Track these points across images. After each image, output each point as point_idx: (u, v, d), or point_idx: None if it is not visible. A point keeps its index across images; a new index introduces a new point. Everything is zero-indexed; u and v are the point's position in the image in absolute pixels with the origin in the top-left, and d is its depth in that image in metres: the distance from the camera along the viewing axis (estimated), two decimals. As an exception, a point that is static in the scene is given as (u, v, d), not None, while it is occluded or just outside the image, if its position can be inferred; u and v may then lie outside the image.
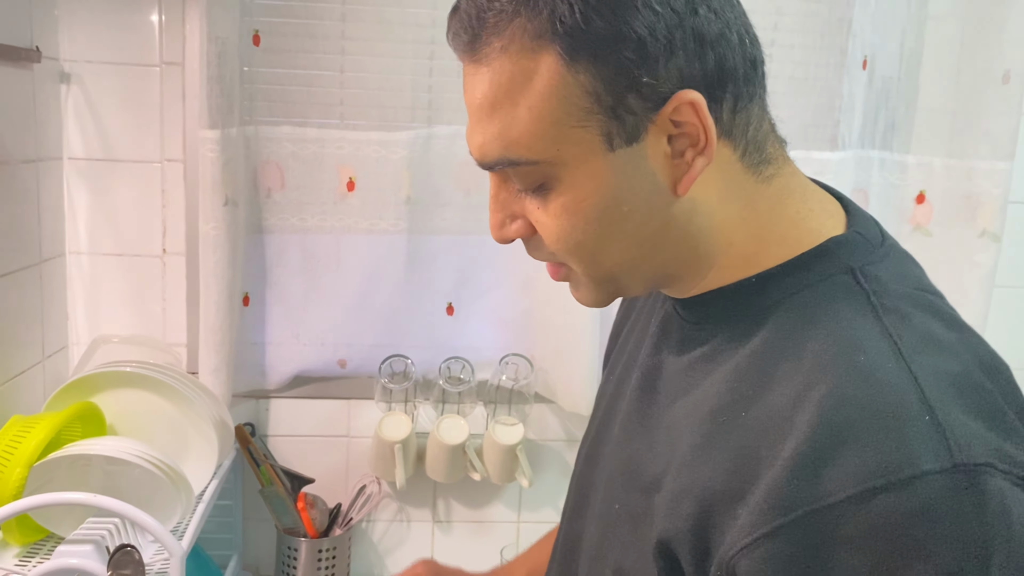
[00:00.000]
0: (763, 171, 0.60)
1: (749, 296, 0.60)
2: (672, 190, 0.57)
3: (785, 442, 0.51)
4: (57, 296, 1.41)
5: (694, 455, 0.57)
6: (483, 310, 1.51)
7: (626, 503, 0.63)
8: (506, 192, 0.61)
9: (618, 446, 0.68)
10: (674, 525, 0.56)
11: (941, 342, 0.54)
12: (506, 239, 0.63)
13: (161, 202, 1.43)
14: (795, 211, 0.61)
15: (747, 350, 0.58)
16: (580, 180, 0.57)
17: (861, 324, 0.55)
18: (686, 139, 0.56)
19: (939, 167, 1.48)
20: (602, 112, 0.55)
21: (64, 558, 1.07)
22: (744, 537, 0.50)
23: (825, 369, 0.53)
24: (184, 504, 1.20)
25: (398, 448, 1.43)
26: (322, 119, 1.42)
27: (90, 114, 1.40)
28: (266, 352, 1.48)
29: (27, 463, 1.12)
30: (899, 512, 0.47)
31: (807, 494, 0.48)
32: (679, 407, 0.62)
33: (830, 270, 0.58)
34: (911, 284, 0.59)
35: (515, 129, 0.56)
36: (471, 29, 0.57)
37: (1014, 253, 1.54)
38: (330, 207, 1.44)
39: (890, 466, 0.47)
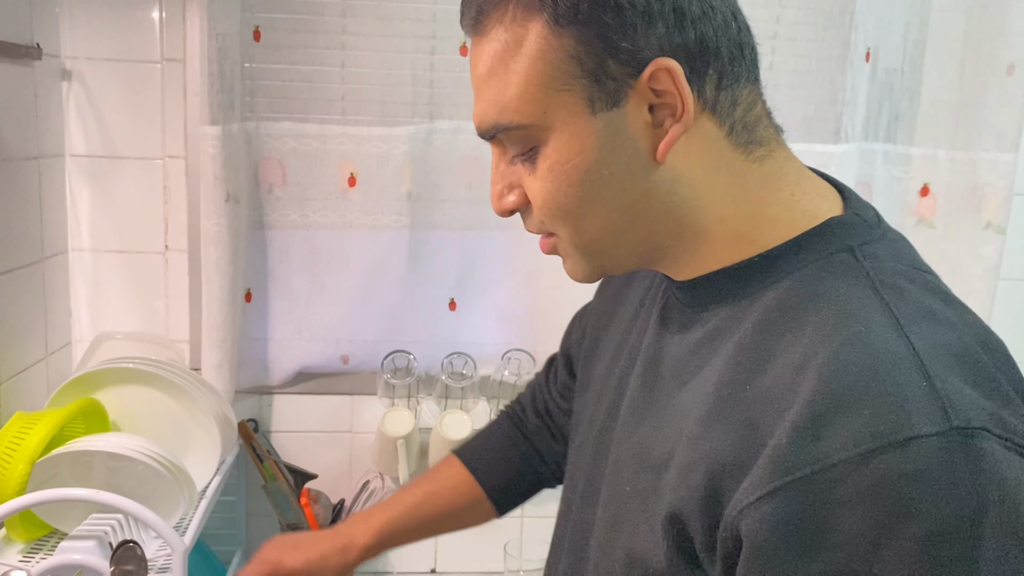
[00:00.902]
0: (753, 151, 0.61)
1: (748, 276, 0.61)
2: (652, 157, 0.59)
3: (788, 410, 0.52)
4: (60, 293, 1.41)
5: (701, 429, 0.58)
6: (485, 305, 1.51)
7: (636, 484, 0.64)
8: (505, 163, 0.64)
9: (626, 432, 0.68)
10: (683, 497, 0.57)
11: (938, 316, 0.55)
12: (505, 210, 0.65)
13: (163, 198, 1.43)
14: (789, 193, 0.62)
15: (748, 328, 0.59)
16: (565, 142, 0.59)
17: (860, 297, 0.56)
18: (666, 109, 0.58)
19: (943, 159, 1.47)
20: (584, 76, 0.58)
21: (67, 554, 1.07)
22: (747, 497, 0.52)
23: (825, 339, 0.54)
24: (187, 500, 1.20)
25: (401, 444, 1.43)
26: (323, 114, 1.42)
27: (92, 111, 1.40)
28: (269, 348, 1.48)
29: (30, 459, 1.12)
30: (896, 473, 0.48)
31: (807, 456, 0.50)
32: (685, 389, 0.63)
33: (830, 249, 0.59)
34: (908, 263, 0.60)
35: (506, 94, 0.59)
36: (476, 5, 0.61)
37: (1019, 245, 1.53)
38: (332, 203, 1.44)
39: (888, 429, 0.48)
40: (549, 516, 1.58)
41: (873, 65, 1.46)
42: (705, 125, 0.59)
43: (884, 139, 1.50)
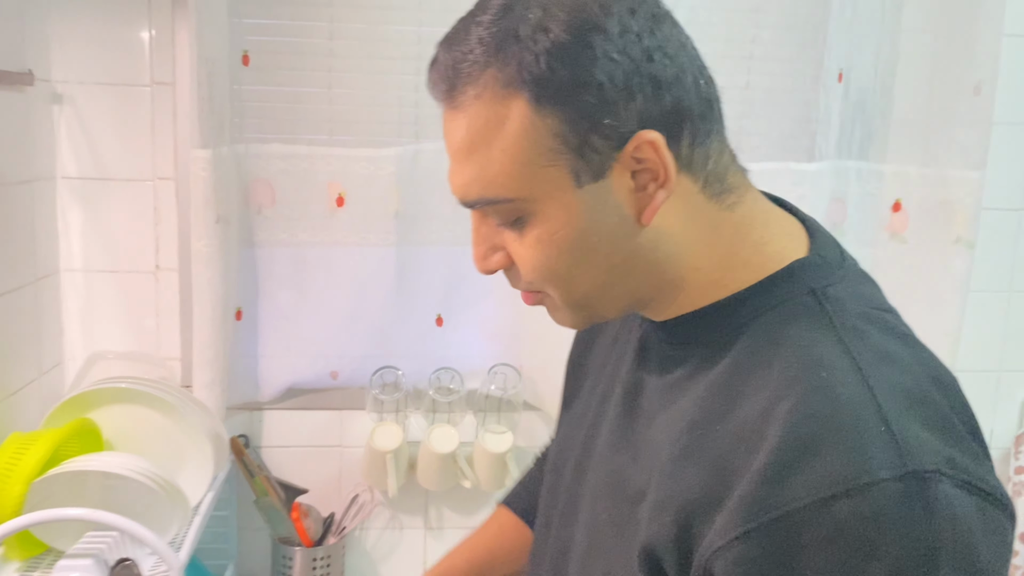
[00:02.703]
0: (725, 199, 0.64)
1: (720, 318, 0.64)
2: (637, 220, 0.61)
3: (757, 452, 0.55)
4: (51, 313, 1.43)
5: (673, 467, 0.61)
6: (471, 321, 1.55)
7: (612, 513, 0.67)
8: (486, 227, 0.66)
9: (603, 459, 0.71)
10: (657, 533, 0.60)
11: (895, 358, 0.58)
12: (489, 270, 0.67)
13: (153, 219, 1.46)
14: (758, 236, 0.65)
15: (719, 368, 0.62)
16: (552, 214, 0.61)
17: (822, 342, 0.59)
18: (648, 173, 0.60)
19: (914, 176, 1.52)
20: (569, 152, 0.59)
21: (65, 572, 1.09)
22: (718, 539, 0.54)
23: (791, 385, 0.57)
24: (180, 517, 1.23)
25: (390, 457, 1.46)
26: (311, 136, 1.45)
27: (83, 134, 1.42)
28: (259, 365, 1.51)
29: (27, 479, 1.14)
30: (857, 516, 0.51)
31: (775, 500, 0.53)
32: (659, 423, 0.65)
33: (793, 292, 0.62)
34: (867, 303, 0.63)
35: (491, 170, 0.61)
36: (448, 79, 0.62)
37: (987, 258, 1.58)
38: (320, 222, 1.47)
39: (849, 474, 0.52)
40: (535, 526, 1.61)
41: (846, 85, 1.50)
42: (683, 183, 0.61)
43: (857, 156, 1.55)
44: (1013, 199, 1.64)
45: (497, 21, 0.60)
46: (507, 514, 1.00)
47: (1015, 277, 1.65)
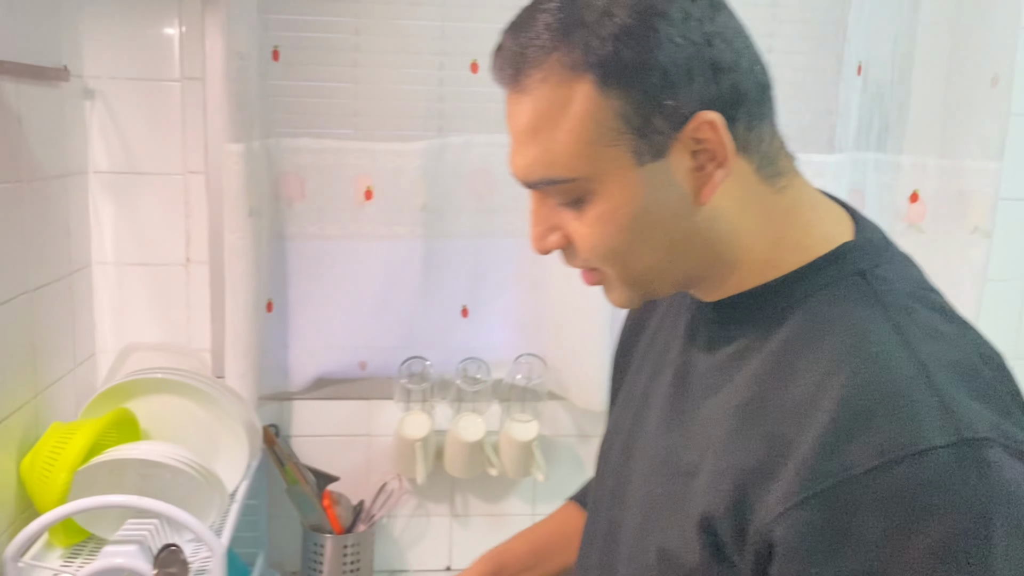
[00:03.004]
0: (776, 182, 0.67)
1: (771, 298, 0.67)
2: (695, 199, 0.64)
3: (811, 425, 0.58)
4: (84, 305, 1.46)
5: (729, 441, 0.64)
6: (496, 312, 1.57)
7: (666, 488, 0.70)
8: (545, 207, 0.68)
9: (655, 438, 0.74)
10: (714, 504, 0.63)
11: (942, 334, 0.61)
12: (546, 250, 0.69)
13: (184, 212, 1.48)
14: (807, 219, 0.67)
15: (771, 347, 0.65)
16: (613, 193, 0.64)
17: (872, 320, 0.62)
18: (706, 153, 0.63)
19: (932, 167, 1.55)
20: (631, 132, 0.62)
21: (111, 558, 1.12)
22: (778, 507, 0.58)
23: (843, 360, 0.60)
24: (219, 504, 1.25)
25: (419, 446, 1.49)
26: (340, 130, 1.47)
27: (114, 128, 1.44)
28: (289, 356, 1.53)
29: (71, 468, 1.17)
30: (913, 481, 0.54)
31: (832, 468, 0.56)
32: (712, 401, 0.68)
33: (843, 273, 0.65)
34: (913, 284, 0.66)
35: (554, 150, 0.63)
36: (514, 64, 0.64)
37: (1004, 248, 1.61)
38: (348, 215, 1.49)
39: (904, 442, 0.55)
40: (559, 513, 1.63)
41: (864, 78, 1.53)
42: (738, 164, 0.64)
43: (875, 148, 1.57)
44: (1027, 189, 1.66)
45: (564, 7, 0.62)
46: (574, 508, 1.03)
47: (1029, 266, 1.68)
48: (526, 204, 1.58)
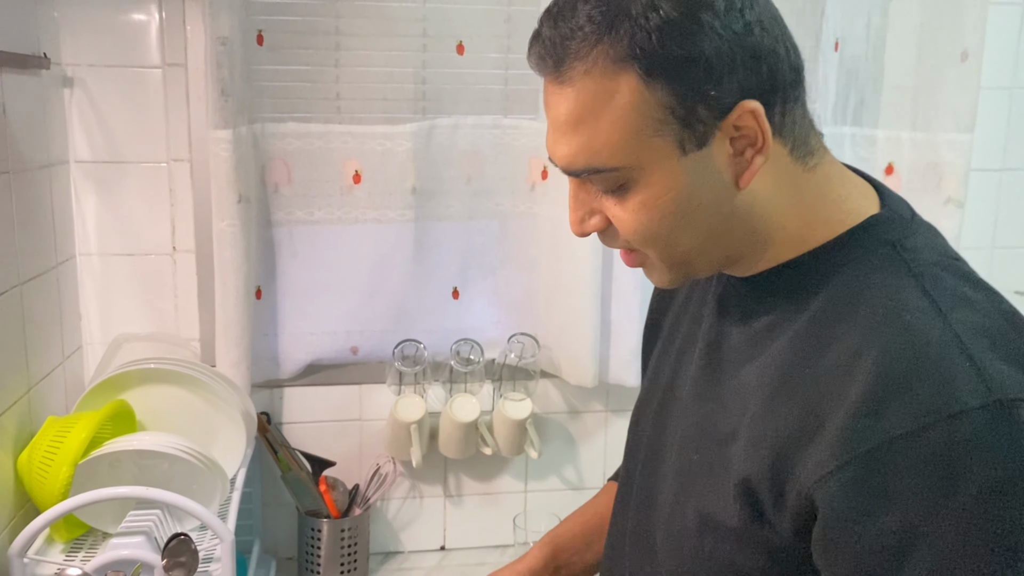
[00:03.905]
0: (808, 161, 0.69)
1: (803, 271, 0.69)
2: (735, 184, 0.66)
3: (848, 391, 0.61)
4: (70, 298, 1.43)
5: (766, 409, 0.66)
6: (487, 292, 1.58)
7: (704, 455, 0.72)
8: (585, 192, 0.70)
9: (690, 408, 0.77)
10: (753, 468, 0.66)
11: (971, 300, 0.64)
12: (585, 233, 0.71)
13: (169, 201, 1.46)
14: (837, 195, 0.70)
15: (805, 318, 0.68)
16: (656, 181, 0.65)
17: (904, 289, 0.64)
18: (745, 140, 0.65)
19: (906, 140, 1.59)
20: (675, 122, 0.63)
21: (118, 550, 1.11)
22: (819, 470, 0.60)
23: (877, 328, 0.62)
24: (221, 492, 1.25)
25: (414, 428, 1.50)
26: (327, 114, 1.46)
27: (95, 117, 1.41)
28: (279, 342, 1.53)
29: (73, 462, 1.15)
30: (949, 442, 0.57)
31: (871, 432, 0.59)
32: (747, 371, 0.71)
33: (873, 244, 0.68)
34: (941, 253, 0.69)
35: (598, 141, 0.64)
36: (555, 55, 0.65)
37: (976, 218, 1.66)
38: (336, 199, 1.49)
39: (940, 405, 0.57)
40: (551, 490, 1.67)
41: (840, 54, 1.56)
42: (774, 148, 0.66)
43: (852, 123, 1.61)
44: (995, 160, 1.72)
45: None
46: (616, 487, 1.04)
47: (998, 234, 1.74)
48: (515, 186, 1.59)
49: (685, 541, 0.72)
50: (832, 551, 0.61)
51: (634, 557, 0.83)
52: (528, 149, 1.52)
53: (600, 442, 1.67)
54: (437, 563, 1.62)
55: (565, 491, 1.66)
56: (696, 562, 0.72)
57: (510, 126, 1.51)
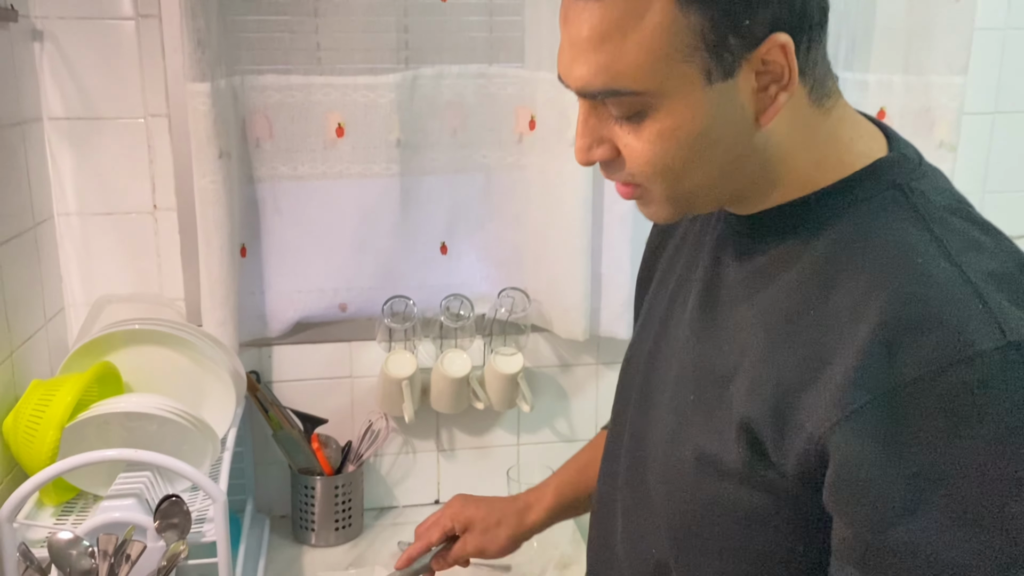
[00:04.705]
0: (824, 103, 0.67)
1: (809, 211, 0.68)
2: (755, 121, 0.64)
3: (856, 335, 0.60)
4: (50, 259, 1.40)
5: (768, 349, 0.66)
6: (476, 247, 1.56)
7: (701, 395, 0.72)
8: (595, 118, 0.67)
9: (685, 349, 0.76)
10: (755, 409, 0.65)
11: (980, 244, 0.63)
12: (591, 162, 0.68)
13: (148, 158, 1.42)
14: (848, 137, 0.68)
15: (809, 258, 0.66)
16: (678, 110, 0.63)
17: (912, 232, 0.63)
18: (770, 75, 0.62)
19: (898, 83, 1.56)
20: (705, 50, 0.61)
21: (109, 513, 1.10)
22: (831, 416, 0.59)
23: (886, 271, 0.61)
24: (212, 452, 1.24)
25: (406, 384, 1.48)
26: (307, 66, 1.42)
27: (67, 72, 1.37)
28: (266, 301, 1.50)
29: (59, 425, 1.14)
30: (964, 385, 0.56)
31: (885, 376, 0.58)
32: (745, 308, 0.70)
33: (880, 187, 0.66)
34: (948, 196, 0.67)
35: (623, 61, 0.61)
36: None
37: (968, 162, 1.65)
38: (320, 154, 1.45)
39: (954, 348, 0.57)
40: (543, 442, 1.67)
41: (832, -4, 1.52)
42: (796, 88, 0.64)
43: (843, 67, 1.58)
44: (987, 103, 1.69)
45: None
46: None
47: (989, 178, 1.73)
48: (502, 138, 1.56)
49: (681, 481, 0.72)
50: (846, 497, 0.60)
51: (627, 498, 0.83)
52: (514, 98, 1.49)
53: (591, 394, 1.67)
54: (431, 517, 1.62)
55: (557, 443, 1.66)
56: (693, 502, 0.71)
57: (496, 75, 1.48)
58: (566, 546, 1.50)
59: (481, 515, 1.05)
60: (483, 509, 1.06)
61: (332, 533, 1.51)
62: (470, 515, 1.05)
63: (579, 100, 0.67)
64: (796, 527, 0.67)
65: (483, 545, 1.04)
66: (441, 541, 1.08)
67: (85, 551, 1.04)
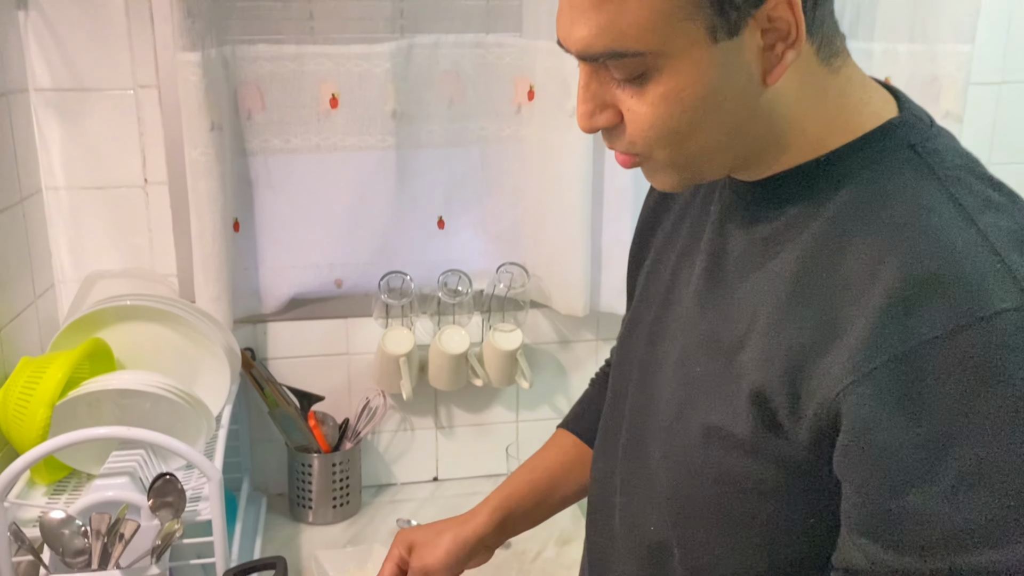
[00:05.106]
0: (832, 62, 0.64)
1: (819, 174, 0.65)
2: (762, 81, 0.61)
3: (871, 296, 0.57)
4: (38, 234, 1.37)
5: (780, 315, 0.63)
6: (473, 222, 1.53)
7: (708, 367, 0.69)
8: (597, 83, 0.64)
9: (690, 323, 0.73)
10: (766, 377, 0.63)
11: (996, 203, 0.61)
12: (594, 128, 0.65)
13: (138, 130, 1.39)
14: (858, 98, 0.66)
15: (821, 221, 0.64)
16: (682, 70, 0.60)
17: (928, 192, 0.61)
18: (776, 33, 0.60)
19: (903, 53, 1.53)
20: (709, 7, 0.58)
21: (102, 491, 1.08)
22: (845, 378, 0.57)
23: (901, 231, 0.59)
24: (206, 430, 1.22)
25: (403, 361, 1.46)
26: (299, 35, 1.38)
27: (53, 42, 1.33)
28: (260, 276, 1.48)
29: (50, 403, 1.11)
30: (982, 345, 0.54)
31: (900, 337, 0.56)
32: (755, 277, 0.67)
33: (893, 147, 0.64)
34: (962, 156, 0.65)
35: (625, 20, 0.58)
36: None
37: (974, 132, 1.62)
38: (314, 126, 1.42)
39: (972, 307, 0.55)
40: (542, 419, 1.65)
41: (837, -37, 1.49)
42: (804, 45, 0.61)
43: (848, 36, 1.54)
44: (993, 73, 1.66)
45: None
46: (566, 436, 1.01)
47: (994, 150, 1.70)
48: (500, 108, 1.53)
49: (689, 455, 0.70)
50: (858, 462, 0.58)
51: (626, 475, 0.80)
52: (512, 68, 1.45)
53: (591, 371, 1.61)
54: (430, 494, 1.61)
55: (556, 420, 1.61)
56: (700, 476, 0.69)
57: (493, 44, 1.44)
58: (566, 523, 1.48)
59: (422, 532, 0.96)
60: (426, 528, 0.98)
61: (330, 511, 1.50)
62: (412, 536, 0.96)
63: (580, 64, 0.64)
64: (805, 499, 0.65)
65: (424, 556, 0.94)
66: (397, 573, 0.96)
67: (78, 530, 1.03)
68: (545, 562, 1.40)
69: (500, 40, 1.44)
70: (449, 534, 0.94)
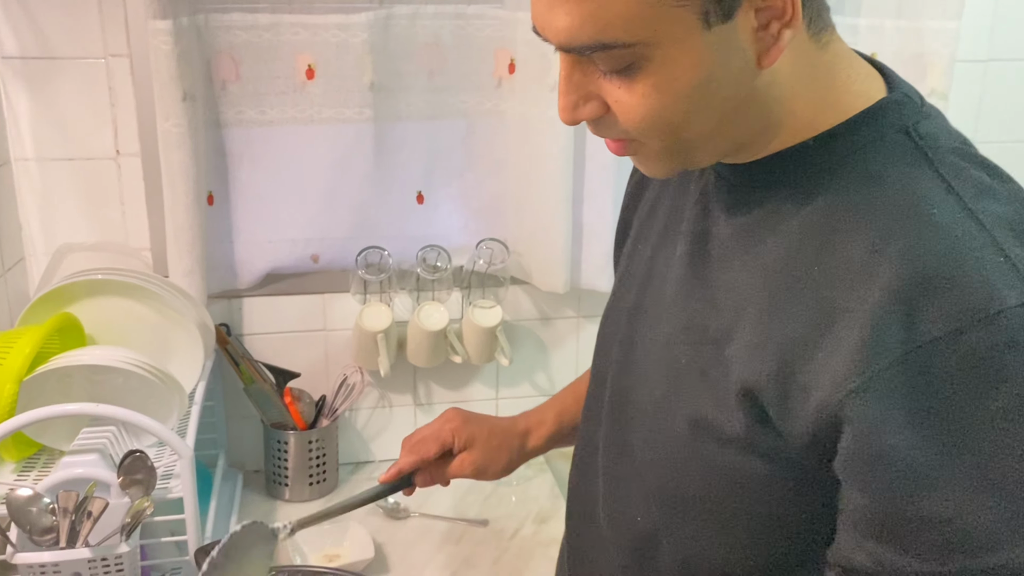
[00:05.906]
0: (821, 37, 0.62)
1: (808, 158, 0.63)
2: (757, 64, 0.58)
3: (869, 291, 0.55)
4: (8, 207, 1.34)
5: (769, 308, 0.61)
6: (452, 197, 1.51)
7: (692, 356, 0.67)
8: (580, 73, 0.60)
9: (674, 308, 0.71)
10: (756, 373, 0.61)
11: (993, 190, 0.59)
12: (576, 121, 0.62)
13: (109, 100, 1.36)
14: (846, 76, 0.63)
15: (811, 208, 0.61)
16: (674, 59, 0.56)
17: (923, 179, 0.59)
18: (770, 11, 0.56)
19: (889, 28, 1.51)
20: None
21: (71, 468, 1.06)
22: (848, 381, 0.55)
23: (899, 223, 0.57)
24: (179, 406, 1.20)
25: (381, 337, 1.45)
26: (274, 3, 1.35)
27: (20, 8, 1.30)
28: (235, 251, 1.45)
29: (17, 379, 1.09)
30: (989, 343, 0.52)
31: (904, 338, 0.53)
32: (740, 264, 0.65)
33: (885, 129, 0.61)
34: (955, 139, 0.63)
35: (610, 10, 0.55)
36: None
37: (960, 111, 1.60)
38: (289, 97, 1.39)
39: (978, 305, 0.53)
40: (522, 396, 1.64)
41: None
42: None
43: (833, 11, 1.52)
44: (980, 51, 1.65)
45: None
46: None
47: (980, 128, 1.69)
48: (480, 81, 1.51)
49: (674, 448, 0.68)
50: (866, 467, 0.56)
51: (609, 463, 0.79)
52: (493, 40, 1.42)
53: (572, 348, 1.63)
54: (408, 472, 1.60)
55: (537, 397, 1.63)
56: (687, 469, 0.68)
57: (474, 15, 1.41)
58: (544, 500, 1.48)
59: (484, 435, 0.99)
60: (485, 429, 1.00)
61: (306, 488, 1.49)
62: (472, 433, 0.98)
63: (560, 54, 0.60)
64: (797, 492, 0.63)
65: (484, 466, 0.98)
66: (437, 456, 1.00)
67: (46, 508, 1.01)
68: (523, 539, 1.40)
69: (481, 11, 1.41)
70: (507, 454, 1.00)
